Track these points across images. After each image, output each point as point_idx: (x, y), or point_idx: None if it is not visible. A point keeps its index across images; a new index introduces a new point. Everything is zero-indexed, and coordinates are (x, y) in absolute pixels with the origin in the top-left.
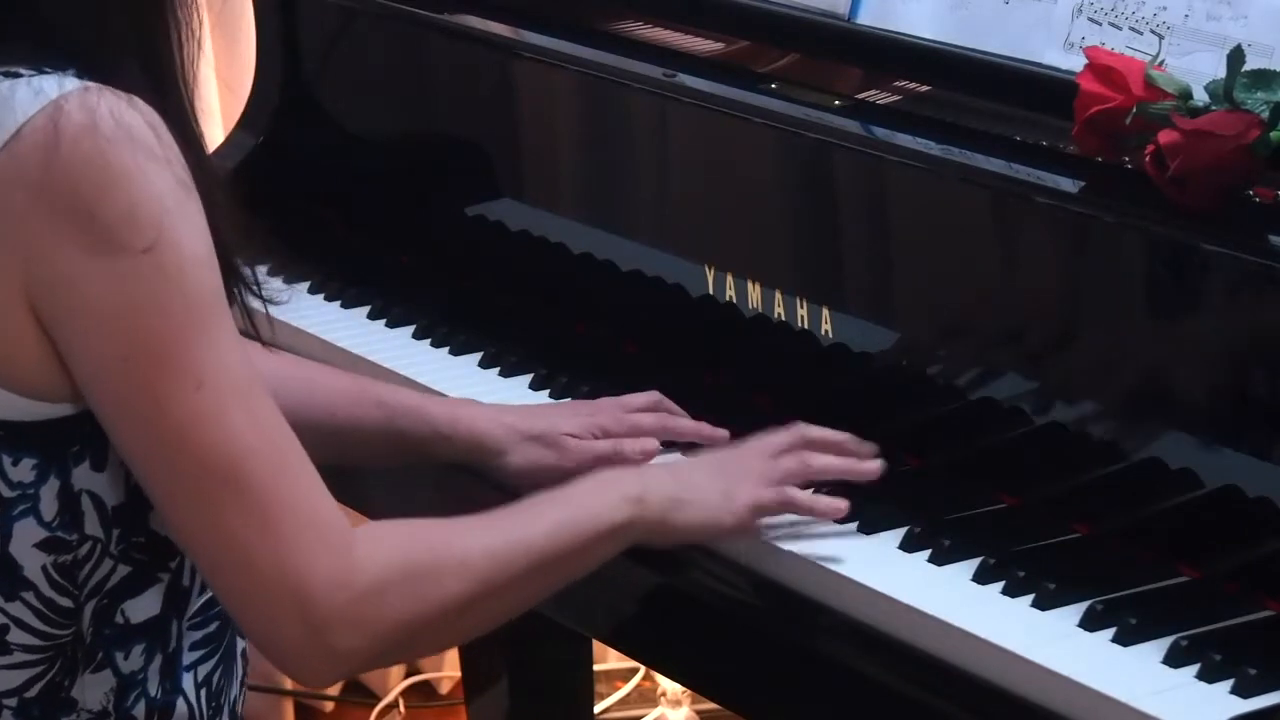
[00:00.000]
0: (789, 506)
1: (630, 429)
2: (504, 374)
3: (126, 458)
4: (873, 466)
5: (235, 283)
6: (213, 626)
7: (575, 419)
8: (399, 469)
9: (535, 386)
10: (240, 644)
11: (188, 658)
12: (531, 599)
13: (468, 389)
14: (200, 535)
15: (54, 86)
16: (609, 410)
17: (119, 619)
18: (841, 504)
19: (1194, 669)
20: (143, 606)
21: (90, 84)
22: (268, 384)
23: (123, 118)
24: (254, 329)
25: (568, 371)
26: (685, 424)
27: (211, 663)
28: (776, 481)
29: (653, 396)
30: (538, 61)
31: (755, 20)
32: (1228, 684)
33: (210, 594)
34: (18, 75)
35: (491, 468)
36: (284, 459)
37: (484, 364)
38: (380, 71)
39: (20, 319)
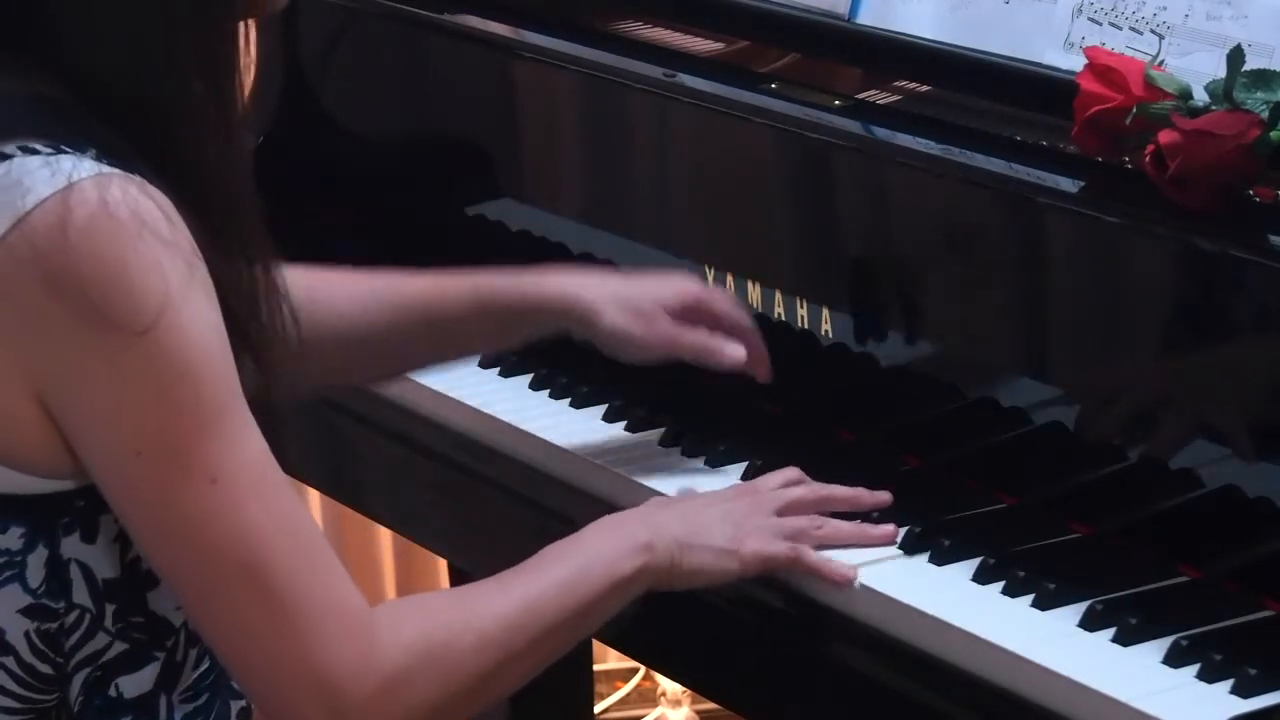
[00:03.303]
0: (799, 565)
1: (714, 315)
2: (504, 374)
3: (143, 549)
4: (885, 532)
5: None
6: (203, 699)
7: (667, 288)
8: (398, 468)
9: (535, 386)
10: (236, 705)
11: None
12: (548, 659)
13: (467, 389)
14: (222, 629)
15: (68, 169)
16: (693, 287)
17: (112, 692)
18: (850, 574)
19: (1194, 669)
20: (137, 682)
21: (105, 169)
22: (370, 306)
23: (136, 204)
24: (268, 390)
25: (568, 372)
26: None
27: None
28: (785, 537)
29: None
30: (538, 61)
31: (755, 20)
32: (1228, 684)
33: (203, 669)
34: (36, 152)
35: (581, 329)
36: (302, 548)
37: (484, 364)
38: (380, 71)
39: (23, 404)
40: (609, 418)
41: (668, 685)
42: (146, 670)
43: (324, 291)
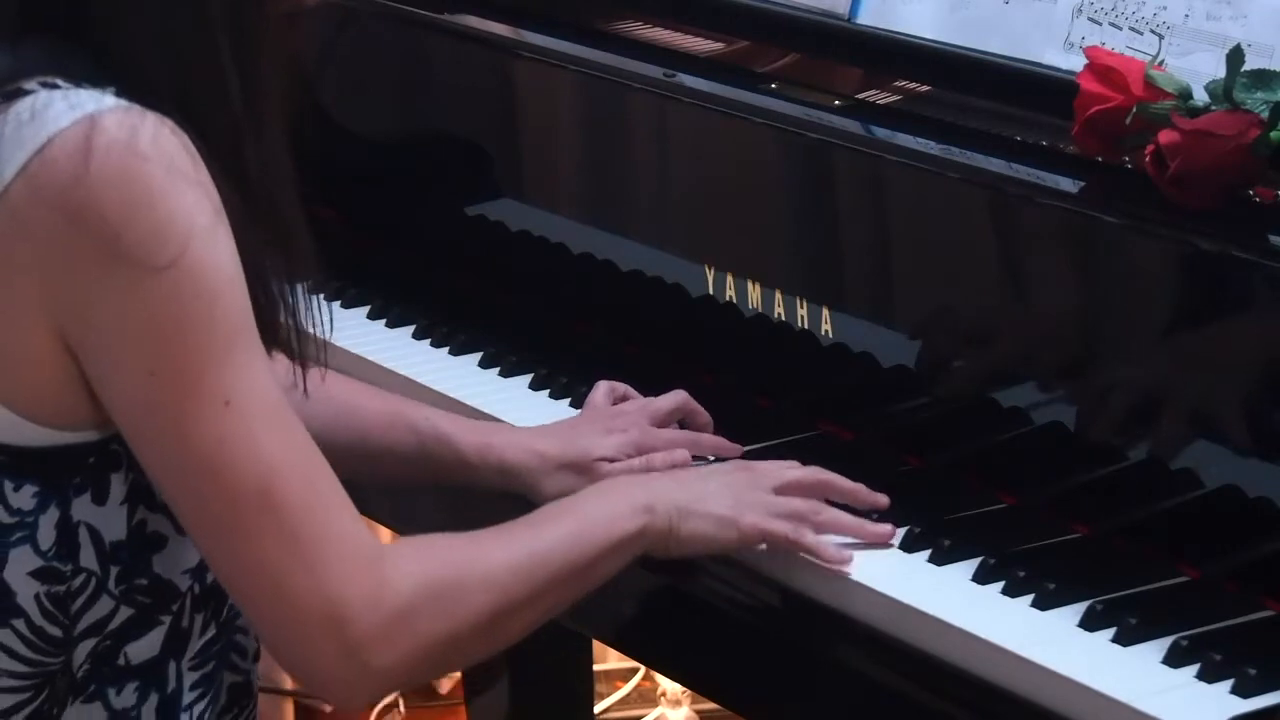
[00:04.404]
0: (798, 545)
1: (664, 445)
2: (504, 374)
3: (155, 481)
4: (883, 530)
5: (282, 321)
6: (210, 666)
7: (608, 440)
8: None
9: (535, 386)
10: (230, 678)
11: (186, 698)
12: (549, 612)
13: (468, 389)
14: (232, 559)
15: (90, 102)
16: (638, 422)
17: (120, 660)
18: (847, 555)
19: (1194, 669)
20: (142, 648)
21: (132, 104)
22: (301, 403)
23: (161, 139)
24: (303, 372)
25: (568, 371)
26: (708, 439)
27: (205, 701)
28: (783, 517)
29: (678, 398)
30: (538, 61)
31: (755, 20)
32: (1228, 684)
33: (210, 634)
34: (56, 87)
35: (524, 495)
36: (314, 480)
37: (484, 364)
38: (380, 71)
39: (42, 339)
40: None
41: (668, 685)
42: (152, 635)
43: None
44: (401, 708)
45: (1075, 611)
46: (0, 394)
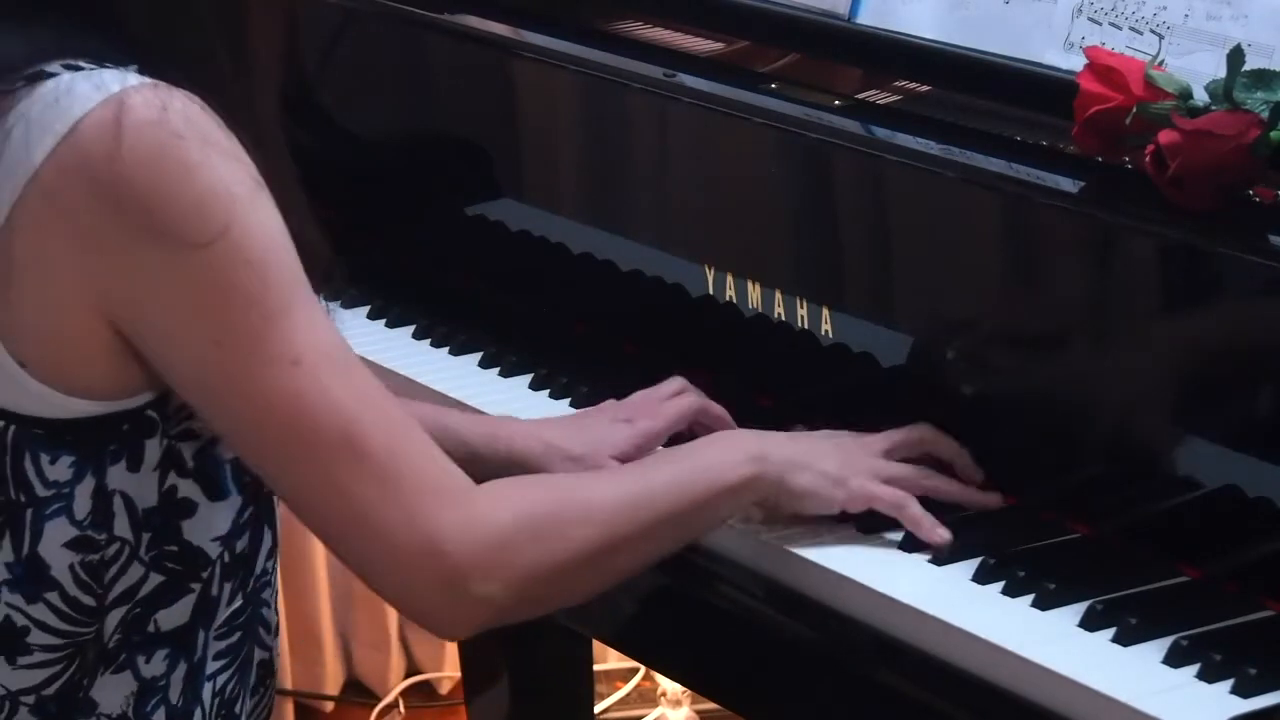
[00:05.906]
0: (902, 514)
1: (673, 419)
2: (504, 374)
3: (236, 448)
4: (992, 499)
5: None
6: (236, 637)
7: (615, 429)
8: None
9: (535, 386)
10: (259, 654)
11: (210, 667)
12: (656, 553)
13: (468, 389)
14: (324, 509)
15: (115, 81)
16: (646, 409)
17: (150, 628)
18: (946, 535)
19: (1194, 669)
20: (172, 615)
21: (158, 81)
22: None
23: (192, 114)
24: None
25: (568, 371)
26: (716, 409)
27: (229, 672)
28: (889, 480)
29: (677, 382)
30: (538, 61)
31: (755, 20)
32: (1228, 684)
33: (237, 605)
34: (78, 68)
35: None
36: (392, 421)
37: (484, 364)
38: (380, 71)
39: (81, 318)
40: None
41: (668, 685)
42: (182, 603)
43: None
44: (401, 708)
45: (1075, 611)
46: (39, 373)
